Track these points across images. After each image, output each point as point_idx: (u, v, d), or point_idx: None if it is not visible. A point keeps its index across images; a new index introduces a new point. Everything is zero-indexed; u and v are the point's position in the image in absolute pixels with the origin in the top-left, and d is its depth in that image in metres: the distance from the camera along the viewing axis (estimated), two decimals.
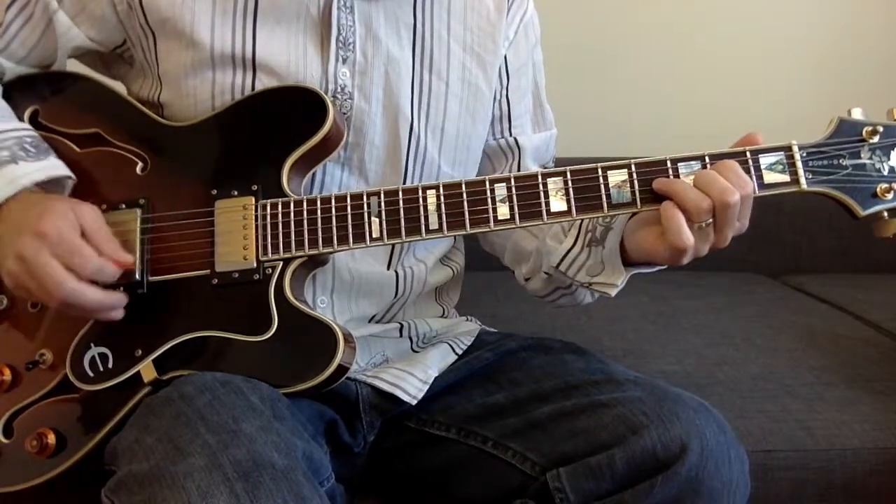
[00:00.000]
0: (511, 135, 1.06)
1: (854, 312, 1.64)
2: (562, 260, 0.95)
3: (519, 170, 1.05)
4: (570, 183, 0.84)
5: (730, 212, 0.79)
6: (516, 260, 1.06)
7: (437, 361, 0.98)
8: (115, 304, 0.84)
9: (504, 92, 1.05)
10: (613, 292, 0.92)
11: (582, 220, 0.92)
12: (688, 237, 0.79)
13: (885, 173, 0.83)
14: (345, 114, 0.93)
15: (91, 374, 0.85)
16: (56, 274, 0.79)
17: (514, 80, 1.05)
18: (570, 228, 0.96)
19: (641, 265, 0.90)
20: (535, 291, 1.05)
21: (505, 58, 1.04)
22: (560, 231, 0.97)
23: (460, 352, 1.01)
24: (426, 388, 0.94)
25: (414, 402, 0.93)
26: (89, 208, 0.84)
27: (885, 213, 0.84)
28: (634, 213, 0.86)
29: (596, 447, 0.82)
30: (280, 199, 0.86)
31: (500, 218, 0.84)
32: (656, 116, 2.01)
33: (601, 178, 0.83)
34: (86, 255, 0.80)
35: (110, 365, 0.84)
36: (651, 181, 0.83)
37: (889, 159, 0.83)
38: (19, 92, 0.95)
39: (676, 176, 0.83)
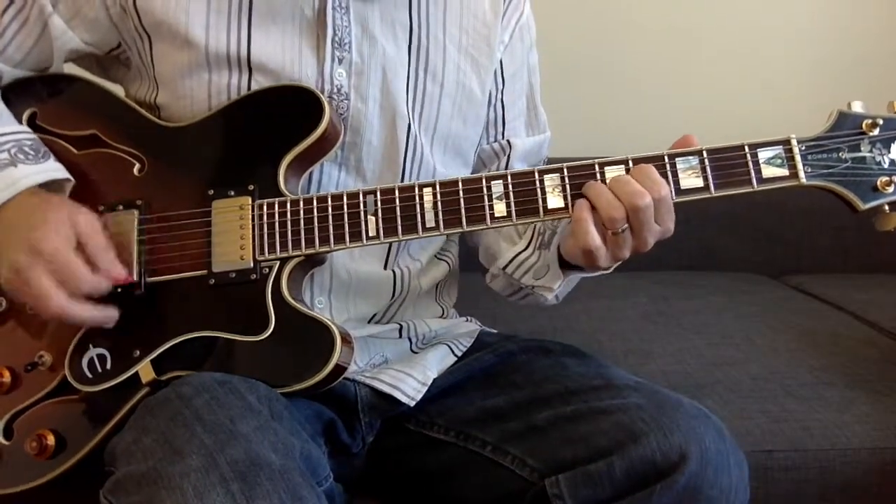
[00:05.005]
0: (504, 137, 1.06)
1: (854, 312, 1.63)
2: (510, 262, 0.98)
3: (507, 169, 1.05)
4: (566, 179, 0.84)
5: (642, 215, 0.80)
6: (488, 257, 1.06)
7: (436, 363, 0.98)
8: (105, 319, 0.84)
9: (499, 96, 1.05)
10: (550, 296, 0.95)
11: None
12: (593, 238, 0.81)
13: (886, 166, 0.83)
14: (341, 114, 0.93)
15: (90, 375, 0.85)
16: (47, 291, 0.80)
17: (510, 84, 1.05)
18: (525, 231, 0.97)
19: (579, 269, 0.91)
20: (499, 290, 1.07)
21: (500, 62, 1.04)
22: (514, 233, 0.98)
23: (460, 353, 1.01)
24: (425, 389, 0.94)
25: (412, 404, 0.93)
26: (86, 217, 0.84)
27: (886, 207, 0.83)
28: None
29: (595, 454, 0.82)
30: (277, 199, 0.86)
31: (496, 215, 0.84)
32: (654, 115, 2.01)
33: (598, 175, 0.83)
34: (79, 275, 0.81)
35: (109, 366, 0.84)
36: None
37: (889, 152, 0.83)
38: (17, 94, 0.95)
39: (674, 172, 0.83)
